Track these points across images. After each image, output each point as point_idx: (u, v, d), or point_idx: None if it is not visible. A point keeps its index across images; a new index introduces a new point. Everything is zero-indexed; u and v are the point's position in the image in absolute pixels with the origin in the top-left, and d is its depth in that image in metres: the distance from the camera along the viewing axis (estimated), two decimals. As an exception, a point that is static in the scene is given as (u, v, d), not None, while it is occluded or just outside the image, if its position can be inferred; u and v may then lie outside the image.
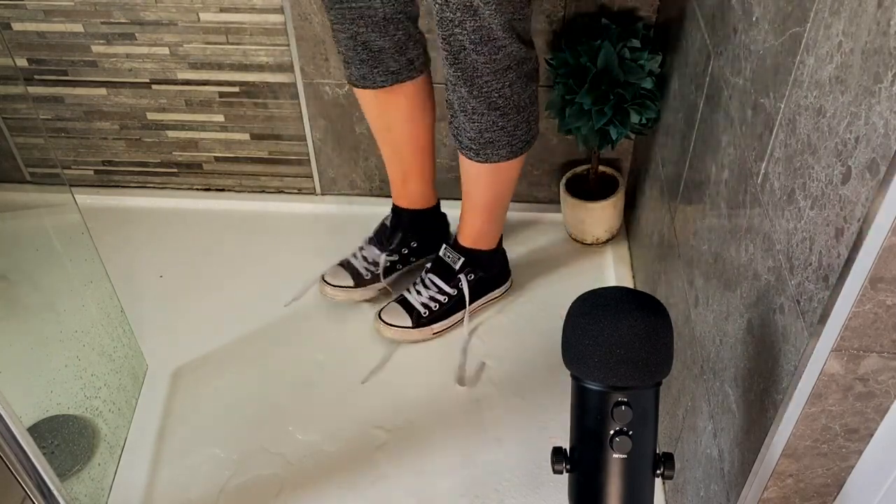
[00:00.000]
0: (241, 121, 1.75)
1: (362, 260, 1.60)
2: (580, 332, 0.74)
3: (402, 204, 1.60)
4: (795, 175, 0.79)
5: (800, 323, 0.76)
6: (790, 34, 0.82)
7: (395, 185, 1.59)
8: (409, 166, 1.55)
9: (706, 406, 1.07)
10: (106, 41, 1.65)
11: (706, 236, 1.11)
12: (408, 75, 1.42)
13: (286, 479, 1.35)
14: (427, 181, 1.59)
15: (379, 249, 1.60)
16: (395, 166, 1.56)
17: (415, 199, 1.60)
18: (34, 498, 1.03)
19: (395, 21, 1.34)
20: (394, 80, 1.41)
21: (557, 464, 0.79)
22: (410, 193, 1.59)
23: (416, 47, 1.41)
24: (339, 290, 1.58)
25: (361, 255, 1.61)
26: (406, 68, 1.41)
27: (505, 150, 1.38)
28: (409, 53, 1.40)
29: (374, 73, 1.40)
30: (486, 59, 1.26)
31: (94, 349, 1.36)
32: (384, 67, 1.39)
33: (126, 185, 1.89)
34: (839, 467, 0.82)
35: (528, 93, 1.35)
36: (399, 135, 1.50)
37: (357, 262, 1.60)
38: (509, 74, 1.29)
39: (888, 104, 0.61)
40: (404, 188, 1.58)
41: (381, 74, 1.40)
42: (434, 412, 1.45)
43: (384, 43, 1.36)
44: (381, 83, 1.41)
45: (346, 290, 1.59)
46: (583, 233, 1.72)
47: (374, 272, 1.59)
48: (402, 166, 1.55)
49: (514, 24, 1.24)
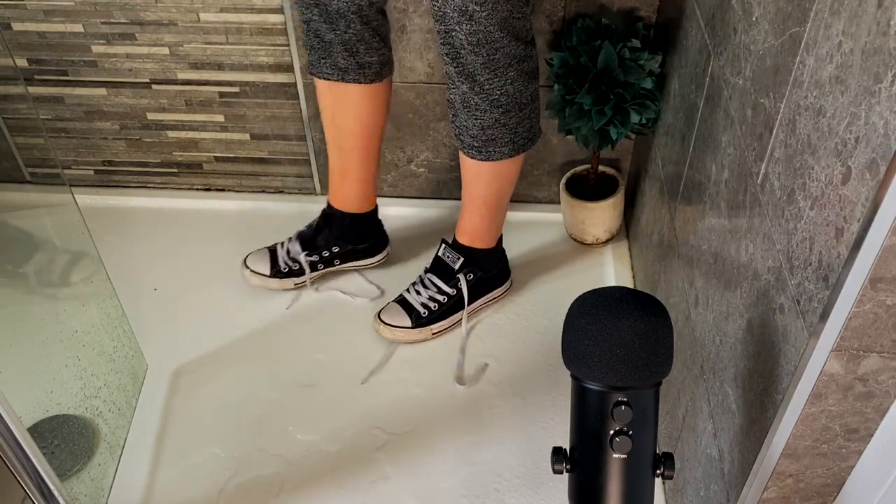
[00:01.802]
0: (241, 121, 1.75)
1: (286, 252, 1.61)
2: (580, 332, 0.74)
3: (335, 204, 1.59)
4: (795, 175, 0.79)
5: (800, 323, 0.77)
6: (790, 34, 0.82)
7: (333, 183, 1.58)
8: (348, 164, 1.53)
9: (706, 406, 1.07)
10: (106, 41, 1.65)
11: (706, 236, 1.11)
12: (355, 77, 1.40)
13: (286, 479, 1.35)
14: (365, 184, 1.57)
15: (301, 247, 1.60)
16: (335, 161, 1.55)
17: (349, 201, 1.58)
18: (34, 498, 1.03)
19: (345, 18, 1.33)
20: (340, 77, 1.40)
21: (557, 464, 0.79)
22: (346, 194, 1.57)
23: (368, 53, 1.39)
24: (255, 275, 1.61)
25: (287, 246, 1.61)
26: (355, 70, 1.40)
27: (507, 148, 1.38)
28: (359, 57, 1.38)
29: (323, 63, 1.40)
30: (484, 60, 1.26)
31: (94, 349, 1.36)
32: (332, 61, 1.39)
33: (126, 185, 1.89)
34: (839, 467, 0.82)
35: (529, 91, 1.35)
36: (344, 131, 1.49)
37: (281, 252, 1.61)
38: (510, 73, 1.29)
39: (888, 104, 0.61)
40: (341, 187, 1.57)
41: (328, 67, 1.40)
42: (434, 412, 1.45)
43: (333, 37, 1.36)
44: (327, 75, 1.41)
45: (261, 278, 1.61)
46: (583, 233, 1.73)
47: (291, 268, 1.60)
48: (342, 163, 1.54)
49: (511, 22, 1.24)
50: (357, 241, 1.62)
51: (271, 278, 1.61)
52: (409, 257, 1.71)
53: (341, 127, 1.49)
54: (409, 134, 1.72)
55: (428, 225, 1.78)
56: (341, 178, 1.56)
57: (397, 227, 1.77)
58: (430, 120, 1.70)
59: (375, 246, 1.65)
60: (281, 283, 1.61)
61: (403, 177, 1.80)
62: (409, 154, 1.76)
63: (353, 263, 1.65)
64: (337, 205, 1.59)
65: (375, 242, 1.65)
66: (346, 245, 1.61)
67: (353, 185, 1.56)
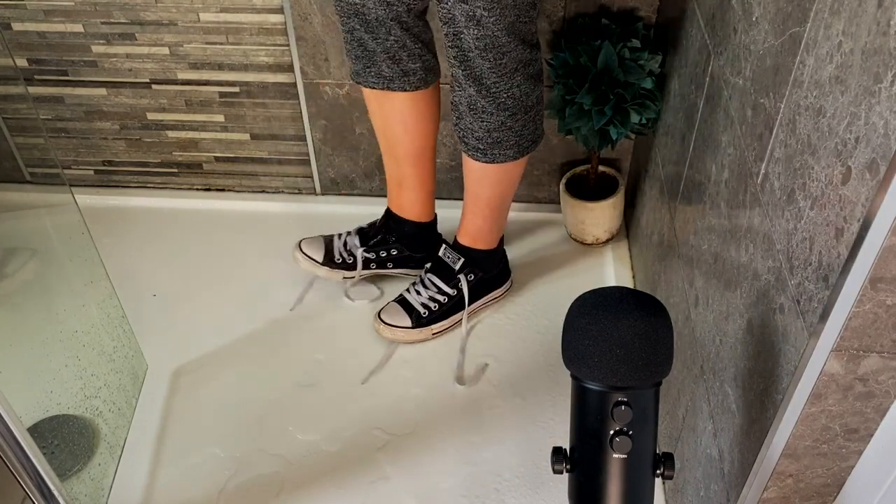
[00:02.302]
0: (241, 121, 1.75)
1: (342, 244, 1.60)
2: (580, 332, 0.74)
3: (395, 210, 1.59)
4: (795, 175, 0.79)
5: (800, 323, 0.77)
6: (790, 34, 0.82)
7: (391, 190, 1.58)
8: (403, 172, 1.53)
9: (706, 406, 1.07)
10: (106, 41, 1.65)
11: (706, 236, 1.11)
12: (400, 85, 1.40)
13: (286, 479, 1.35)
14: (422, 192, 1.56)
15: (360, 242, 1.60)
16: (391, 169, 1.55)
17: (407, 209, 1.58)
18: (34, 498, 1.03)
19: (385, 25, 1.33)
20: (385, 86, 1.40)
21: (557, 464, 0.79)
22: (404, 202, 1.57)
23: (411, 60, 1.38)
24: (307, 259, 1.59)
25: (345, 238, 1.61)
26: (399, 78, 1.39)
27: (513, 151, 1.38)
28: (403, 64, 1.38)
29: (368, 72, 1.40)
30: (491, 65, 1.26)
31: (94, 349, 1.36)
32: (377, 70, 1.39)
33: (126, 185, 1.89)
34: (839, 467, 0.82)
35: (535, 93, 1.35)
36: (393, 138, 1.49)
37: (337, 242, 1.60)
38: (517, 76, 1.29)
39: (888, 104, 0.61)
40: (399, 195, 1.57)
41: (373, 76, 1.40)
42: (434, 412, 1.45)
43: (376, 46, 1.35)
44: (373, 84, 1.41)
45: (311, 262, 1.59)
46: (583, 233, 1.73)
47: (345, 260, 1.59)
48: (398, 170, 1.54)
49: (518, 27, 1.24)
50: (415, 249, 1.61)
51: (323, 265, 1.59)
52: (409, 257, 1.71)
53: (389, 135, 1.49)
54: (409, 134, 1.72)
55: (428, 225, 1.78)
56: (398, 186, 1.56)
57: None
58: (430, 120, 1.70)
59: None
60: (330, 272, 1.60)
61: (403, 177, 1.80)
62: (409, 154, 1.76)
63: (405, 270, 1.64)
64: (396, 210, 1.58)
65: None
66: (404, 250, 1.60)
67: (410, 192, 1.55)
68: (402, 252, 1.61)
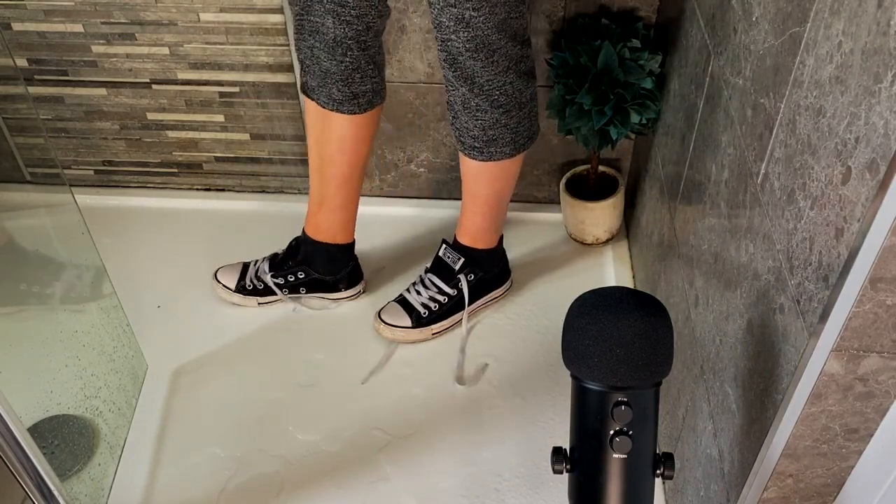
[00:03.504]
0: (241, 121, 1.75)
1: (255, 271, 1.61)
2: (580, 332, 0.74)
3: (309, 232, 1.56)
4: (795, 175, 0.79)
5: (800, 323, 0.77)
6: (790, 34, 0.82)
7: (310, 209, 1.55)
8: (326, 191, 1.51)
9: (706, 406, 1.07)
10: (106, 41, 1.65)
11: (706, 236, 1.11)
12: (350, 108, 1.39)
13: (286, 479, 1.35)
14: (343, 214, 1.54)
15: (269, 268, 1.59)
16: (314, 187, 1.52)
17: (324, 231, 1.55)
18: (34, 498, 1.03)
19: (343, 45, 1.31)
20: (335, 108, 1.39)
21: (557, 464, 0.79)
22: (321, 222, 1.54)
23: (363, 82, 1.37)
24: (221, 287, 1.61)
25: (258, 265, 1.61)
26: (349, 101, 1.38)
27: (509, 148, 1.38)
28: (354, 86, 1.37)
29: (320, 91, 1.39)
30: (483, 64, 1.26)
31: (94, 349, 1.36)
32: (327, 91, 1.38)
33: (126, 185, 1.89)
34: (839, 467, 0.82)
35: (529, 90, 1.35)
36: (327, 157, 1.47)
37: (251, 269, 1.61)
38: (509, 74, 1.29)
39: (888, 104, 0.61)
40: (316, 214, 1.54)
41: (324, 96, 1.39)
42: (434, 412, 1.45)
43: (331, 66, 1.34)
44: (323, 104, 1.39)
45: (226, 291, 1.61)
46: (583, 233, 1.73)
47: (256, 286, 1.60)
48: (321, 189, 1.51)
49: (509, 23, 1.24)
50: (325, 272, 1.58)
51: (235, 292, 1.60)
52: (409, 257, 1.71)
53: (323, 154, 1.47)
54: (409, 134, 1.72)
55: (428, 225, 1.79)
56: (318, 205, 1.53)
57: (397, 227, 1.77)
58: (430, 120, 1.70)
59: (351, 279, 1.62)
60: (244, 299, 1.61)
61: (403, 177, 1.80)
62: (409, 154, 1.76)
63: (321, 294, 1.61)
64: (309, 232, 1.56)
65: (350, 276, 1.61)
66: (311, 273, 1.58)
67: (328, 213, 1.53)
68: (310, 275, 1.58)
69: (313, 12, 1.30)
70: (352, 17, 1.29)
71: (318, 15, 1.29)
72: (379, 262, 1.70)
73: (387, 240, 1.75)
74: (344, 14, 1.28)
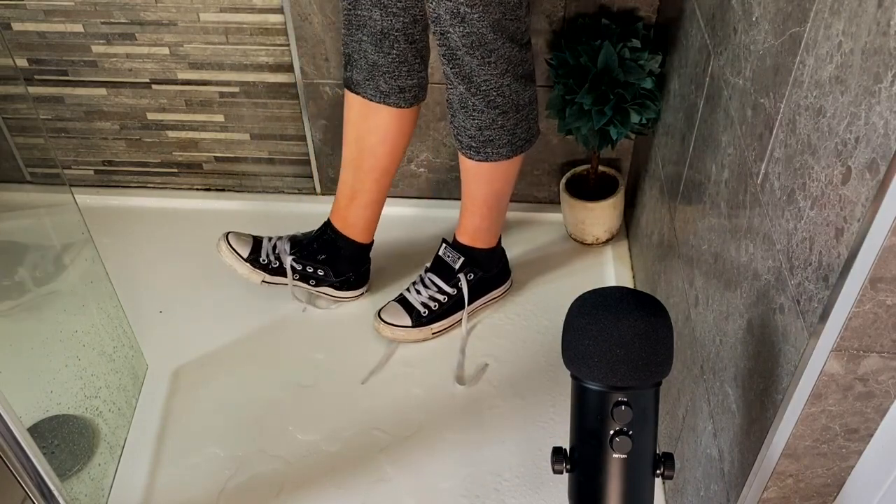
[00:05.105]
0: (241, 121, 1.75)
1: (271, 247, 1.56)
2: (580, 332, 0.74)
3: (336, 224, 1.56)
4: (795, 175, 0.79)
5: (800, 323, 0.77)
6: (790, 34, 0.82)
7: (339, 202, 1.54)
8: (362, 186, 1.51)
9: (706, 406, 1.07)
10: (106, 41, 1.65)
11: (706, 236, 1.11)
12: (395, 101, 1.40)
13: (286, 479, 1.35)
14: (372, 211, 1.54)
15: (289, 249, 1.56)
16: (348, 180, 1.52)
17: (351, 226, 1.55)
18: (34, 498, 1.03)
19: (391, 37, 1.33)
20: (381, 100, 1.40)
21: (557, 464, 0.79)
22: (350, 216, 1.54)
23: (409, 76, 1.38)
24: (231, 253, 1.55)
25: (275, 242, 1.57)
26: (395, 93, 1.39)
27: (506, 149, 1.38)
28: (401, 80, 1.38)
29: (367, 84, 1.39)
30: (480, 62, 1.27)
31: (94, 349, 1.37)
32: (374, 84, 1.39)
33: (126, 185, 1.89)
34: (839, 467, 0.82)
35: (527, 93, 1.35)
36: (367, 150, 1.47)
37: (266, 244, 1.56)
38: (507, 76, 1.30)
39: (888, 104, 0.61)
40: (347, 208, 1.53)
41: (371, 89, 1.40)
42: (434, 412, 1.45)
43: (378, 58, 1.35)
44: (370, 96, 1.40)
45: (235, 256, 1.55)
46: (583, 233, 1.73)
47: (270, 263, 1.56)
48: (356, 183, 1.51)
49: (505, 24, 1.24)
50: (340, 271, 1.58)
51: (246, 261, 1.55)
52: (409, 257, 1.71)
53: (364, 146, 1.47)
54: (409, 134, 1.72)
55: (428, 225, 1.78)
56: (349, 199, 1.53)
57: (397, 227, 1.77)
58: (430, 120, 1.70)
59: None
60: (251, 272, 1.55)
61: (403, 177, 1.80)
62: (409, 154, 1.76)
63: (326, 290, 1.60)
64: (337, 225, 1.56)
65: (360, 278, 1.61)
66: (330, 276, 1.57)
67: (359, 208, 1.53)
68: (329, 277, 1.57)
69: (360, 6, 1.32)
70: (398, 9, 1.31)
71: (366, 8, 1.32)
72: (379, 262, 1.70)
73: (387, 239, 1.75)
74: (390, 6, 1.31)
